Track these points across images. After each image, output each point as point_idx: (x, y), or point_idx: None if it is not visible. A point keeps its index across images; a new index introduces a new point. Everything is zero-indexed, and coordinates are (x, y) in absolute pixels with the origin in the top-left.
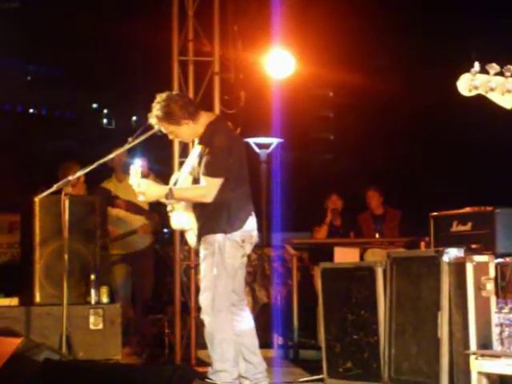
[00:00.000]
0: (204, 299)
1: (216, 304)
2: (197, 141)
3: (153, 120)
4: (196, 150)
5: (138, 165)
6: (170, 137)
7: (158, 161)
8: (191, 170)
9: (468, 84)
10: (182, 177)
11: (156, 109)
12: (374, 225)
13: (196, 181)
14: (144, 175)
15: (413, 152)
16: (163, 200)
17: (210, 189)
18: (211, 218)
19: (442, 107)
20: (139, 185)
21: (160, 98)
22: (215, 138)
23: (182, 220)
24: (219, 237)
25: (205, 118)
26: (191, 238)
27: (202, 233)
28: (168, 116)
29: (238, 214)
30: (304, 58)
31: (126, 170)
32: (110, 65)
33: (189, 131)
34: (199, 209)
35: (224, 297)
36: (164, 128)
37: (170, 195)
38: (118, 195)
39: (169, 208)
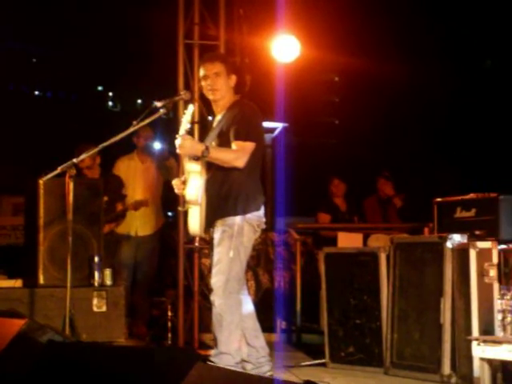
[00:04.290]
0: (216, 281)
1: (228, 287)
2: (218, 117)
3: (215, 56)
4: (215, 131)
5: (191, 109)
6: (206, 83)
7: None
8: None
9: None
10: None
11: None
12: (381, 210)
13: None
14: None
15: (417, 138)
16: (191, 165)
17: (243, 152)
18: (229, 199)
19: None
20: (180, 137)
21: None
22: (247, 108)
23: (198, 190)
24: (238, 220)
25: (236, 98)
26: (194, 219)
27: (218, 215)
28: (229, 62)
29: (255, 196)
30: (309, 43)
31: (148, 153)
32: (116, 48)
33: (228, 88)
34: (215, 189)
35: (236, 280)
36: (215, 68)
37: (206, 152)
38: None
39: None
